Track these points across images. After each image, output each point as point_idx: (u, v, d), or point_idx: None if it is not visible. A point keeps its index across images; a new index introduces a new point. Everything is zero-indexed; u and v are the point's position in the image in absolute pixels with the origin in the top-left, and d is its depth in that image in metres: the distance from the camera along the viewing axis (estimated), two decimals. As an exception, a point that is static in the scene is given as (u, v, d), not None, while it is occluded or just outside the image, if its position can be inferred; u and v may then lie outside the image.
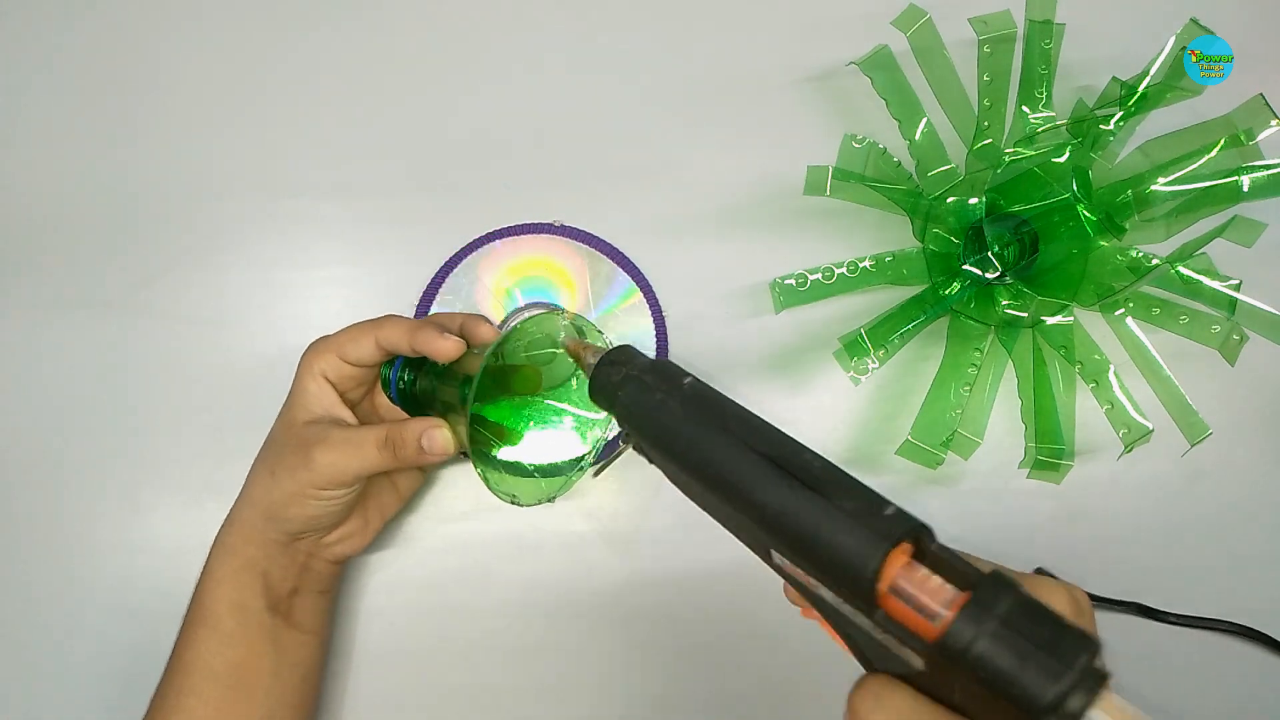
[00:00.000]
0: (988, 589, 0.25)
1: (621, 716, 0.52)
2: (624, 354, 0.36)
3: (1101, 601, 0.52)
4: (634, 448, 0.35)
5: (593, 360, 0.37)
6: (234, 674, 0.43)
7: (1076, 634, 0.24)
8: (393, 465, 0.43)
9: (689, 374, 0.34)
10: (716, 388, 0.57)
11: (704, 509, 0.33)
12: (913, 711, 0.27)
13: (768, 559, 0.31)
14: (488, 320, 0.46)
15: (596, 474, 0.37)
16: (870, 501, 0.28)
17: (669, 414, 0.33)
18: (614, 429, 0.50)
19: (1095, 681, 0.24)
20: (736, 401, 0.33)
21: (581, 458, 0.48)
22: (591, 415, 0.49)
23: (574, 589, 0.52)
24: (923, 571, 0.27)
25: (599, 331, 0.46)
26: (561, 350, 0.47)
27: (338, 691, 0.51)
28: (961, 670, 0.25)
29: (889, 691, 0.28)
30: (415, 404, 0.47)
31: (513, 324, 0.54)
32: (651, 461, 0.35)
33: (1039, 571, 0.52)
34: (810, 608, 0.31)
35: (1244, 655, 0.53)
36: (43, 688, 0.51)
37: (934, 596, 0.26)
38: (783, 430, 0.31)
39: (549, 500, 0.46)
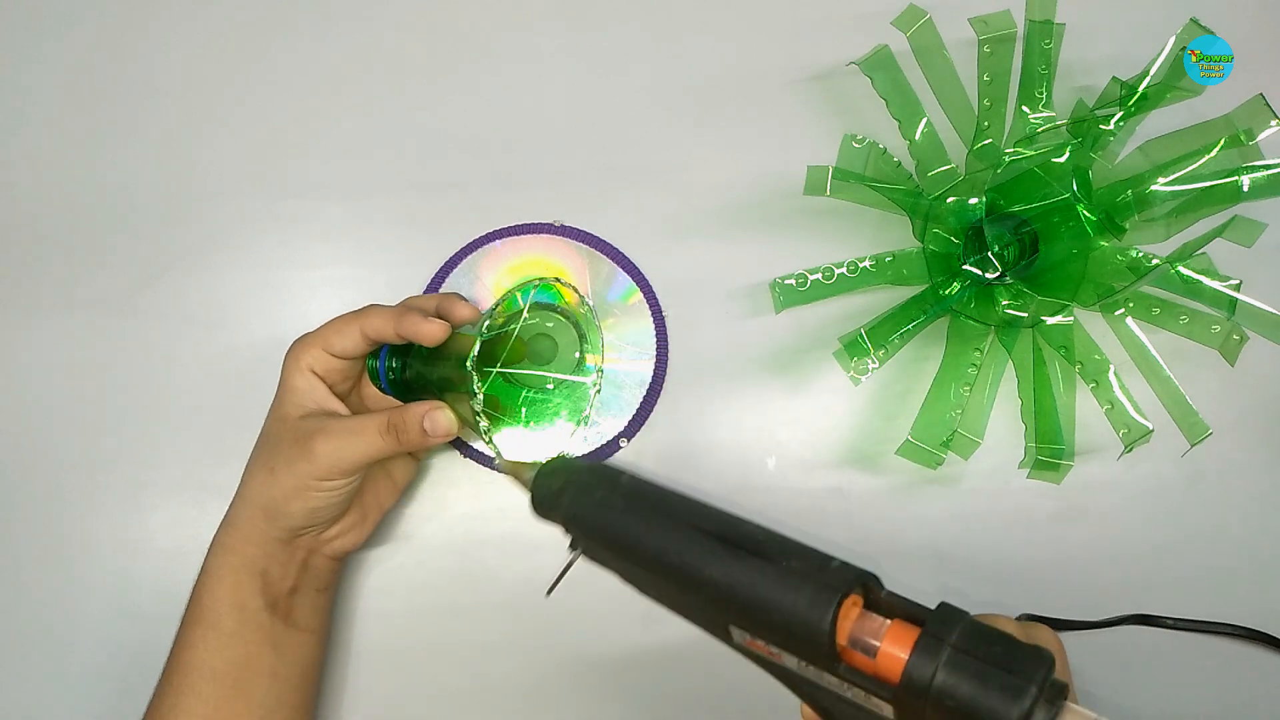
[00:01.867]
0: (937, 621, 0.27)
1: (621, 716, 0.51)
2: (559, 464, 0.37)
3: (1100, 624, 0.52)
4: (584, 554, 0.36)
5: (529, 475, 0.38)
6: (233, 673, 0.43)
7: (1029, 650, 0.26)
8: (395, 450, 0.43)
9: (624, 470, 0.36)
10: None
11: (660, 601, 0.35)
12: None
13: (728, 640, 0.32)
14: (461, 297, 0.47)
15: (549, 594, 0.38)
16: (815, 558, 0.29)
17: (612, 510, 0.34)
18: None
19: (1055, 693, 0.25)
20: (673, 488, 0.34)
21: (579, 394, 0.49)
22: (578, 379, 0.50)
23: (573, 589, 0.52)
24: (875, 619, 0.28)
25: (589, 308, 0.47)
26: (543, 318, 0.48)
27: (337, 691, 0.51)
28: (929, 706, 0.26)
29: None
30: (408, 390, 0.48)
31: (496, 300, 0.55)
32: (603, 566, 0.36)
33: (1026, 617, 0.50)
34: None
35: (1246, 657, 0.53)
36: (42, 688, 0.51)
37: (888, 639, 0.27)
38: (720, 508, 0.32)
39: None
